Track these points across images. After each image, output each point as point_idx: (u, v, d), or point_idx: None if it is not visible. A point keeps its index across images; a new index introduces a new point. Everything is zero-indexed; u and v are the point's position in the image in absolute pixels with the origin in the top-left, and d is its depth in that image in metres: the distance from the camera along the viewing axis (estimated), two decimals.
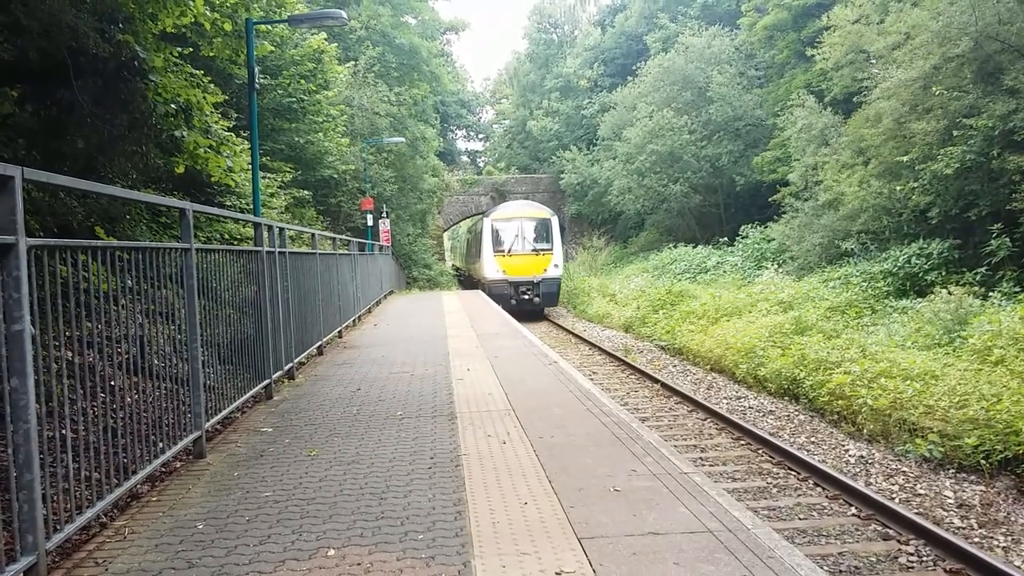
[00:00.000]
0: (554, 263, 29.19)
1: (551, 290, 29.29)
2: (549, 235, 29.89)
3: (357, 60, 32.57)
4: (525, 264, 28.95)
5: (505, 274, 28.72)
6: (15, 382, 3.28)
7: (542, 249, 29.44)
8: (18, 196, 3.31)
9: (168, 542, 4.03)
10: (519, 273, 28.66)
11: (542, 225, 30.22)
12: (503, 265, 28.97)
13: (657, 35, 51.93)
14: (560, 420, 6.63)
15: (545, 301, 29.44)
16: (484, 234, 30.15)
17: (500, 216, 30.78)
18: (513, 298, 28.03)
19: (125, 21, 8.63)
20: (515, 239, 29.50)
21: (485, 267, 29.70)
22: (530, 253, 29.29)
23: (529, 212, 31.17)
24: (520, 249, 29.34)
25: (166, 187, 11.13)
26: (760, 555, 3.72)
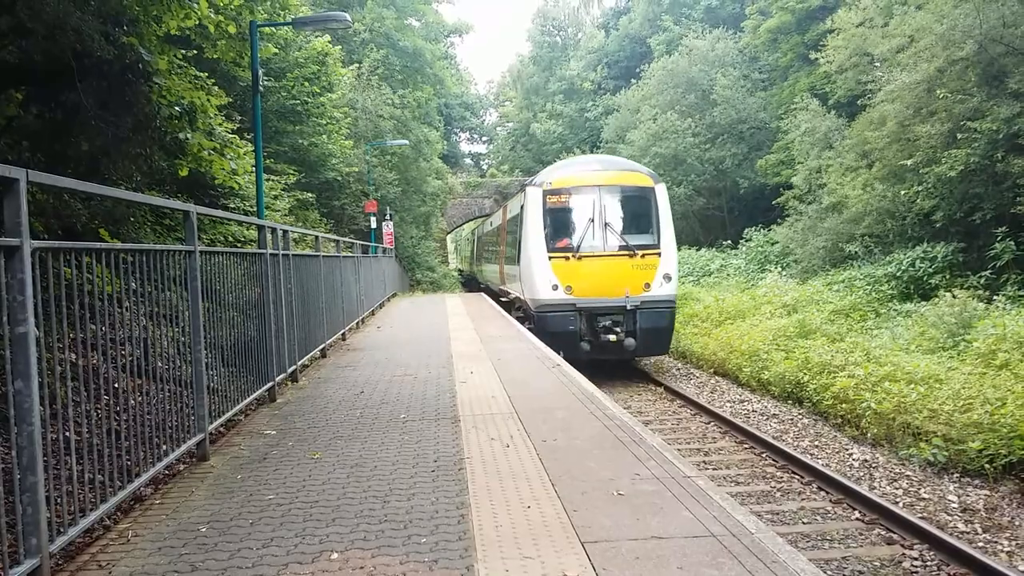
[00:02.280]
0: (664, 272, 16.03)
1: (658, 323, 15.90)
2: (653, 218, 16.48)
3: (361, 63, 32.64)
4: (608, 274, 15.99)
5: (569, 293, 15.85)
6: (19, 384, 3.28)
7: (642, 247, 16.10)
8: (23, 199, 3.31)
9: (171, 545, 4.03)
10: (596, 292, 15.87)
11: (638, 199, 16.72)
12: (566, 276, 15.98)
13: (661, 38, 51.98)
14: (563, 423, 6.62)
15: (647, 344, 16.03)
16: (527, 218, 16.84)
17: (560, 182, 16.89)
18: (585, 337, 15.77)
19: (130, 23, 8.65)
20: (588, 227, 16.21)
21: (530, 279, 16.51)
22: (617, 254, 16.05)
23: (614, 175, 17.08)
24: (598, 246, 16.15)
25: (170, 189, 11.14)
26: (764, 559, 3.71)
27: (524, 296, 17.36)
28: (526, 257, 16.66)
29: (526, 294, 17.00)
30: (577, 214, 16.44)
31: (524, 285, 17.10)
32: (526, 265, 16.68)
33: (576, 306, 15.70)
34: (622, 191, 16.66)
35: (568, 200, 16.56)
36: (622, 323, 15.64)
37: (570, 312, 15.67)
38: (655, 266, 16.01)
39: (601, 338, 15.56)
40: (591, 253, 16.06)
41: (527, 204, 16.96)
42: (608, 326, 15.59)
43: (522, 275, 17.18)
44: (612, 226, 16.25)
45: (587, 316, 15.74)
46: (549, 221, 16.41)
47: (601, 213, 16.23)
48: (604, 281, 15.88)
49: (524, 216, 17.01)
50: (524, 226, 16.90)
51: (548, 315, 15.82)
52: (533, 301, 16.37)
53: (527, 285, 16.75)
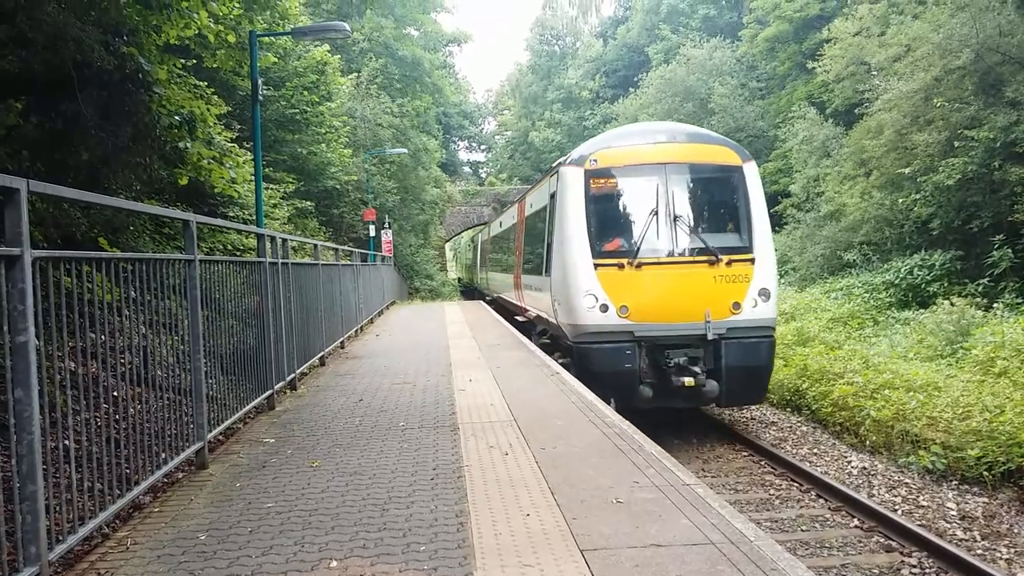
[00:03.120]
0: (759, 286, 11.49)
1: (752, 360, 11.42)
2: (743, 210, 11.94)
3: (360, 72, 32.74)
4: (680, 289, 11.47)
5: (625, 316, 11.30)
6: (19, 393, 3.29)
7: (728, 250, 11.60)
8: (23, 208, 3.32)
9: (170, 553, 4.03)
10: (663, 314, 11.32)
11: (722, 182, 12.23)
12: (619, 291, 11.40)
13: (659, 47, 52.20)
14: (562, 431, 6.63)
15: (736, 389, 11.44)
16: (562, 210, 12.26)
17: (610, 158, 12.22)
18: (647, 380, 11.27)
19: (130, 33, 8.70)
20: (651, 222, 11.69)
21: (565, 295, 11.94)
22: (693, 260, 11.58)
23: (687, 150, 12.35)
24: (665, 249, 11.65)
25: (169, 198, 11.17)
26: (763, 567, 3.71)
27: (556, 319, 12.34)
28: (560, 264, 11.92)
29: (560, 316, 12.03)
30: (634, 204, 11.77)
31: (557, 304, 12.21)
32: (560, 276, 11.92)
33: (634, 335, 10.98)
34: (699, 171, 11.93)
35: (622, 184, 11.96)
36: (701, 360, 11.00)
37: (626, 343, 10.96)
38: (747, 277, 11.24)
39: (672, 381, 10.75)
40: (655, 259, 11.27)
41: (562, 191, 12.10)
42: (682, 364, 10.86)
43: (553, 289, 12.36)
44: (685, 221, 11.48)
45: (650, 349, 11.09)
46: (594, 214, 11.64)
47: (669, 202, 11.48)
48: (675, 299, 11.06)
49: (557, 208, 12.32)
50: (557, 222, 12.22)
51: (593, 348, 11.02)
52: (571, 327, 11.50)
53: (562, 304, 11.89)
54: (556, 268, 12.21)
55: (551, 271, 12.53)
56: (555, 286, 12.28)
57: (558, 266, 12.08)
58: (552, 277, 12.48)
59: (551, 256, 12.62)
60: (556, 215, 12.39)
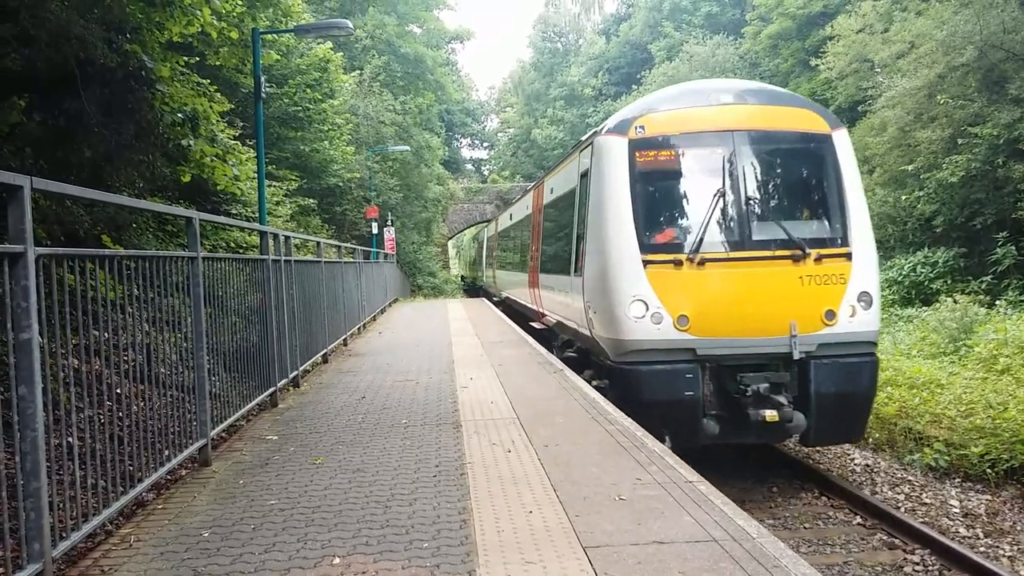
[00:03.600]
0: (859, 289, 8.89)
1: (851, 386, 8.82)
2: (834, 191, 9.41)
3: (362, 69, 32.72)
4: (756, 293, 8.84)
5: (684, 328, 8.72)
6: (23, 390, 3.30)
7: (817, 243, 9.04)
8: (27, 206, 3.33)
9: (174, 550, 4.04)
10: (735, 326, 8.72)
11: (806, 155, 9.71)
12: (676, 296, 8.81)
13: (662, 44, 52.14)
14: (565, 428, 6.63)
15: (829, 422, 8.81)
16: (599, 191, 9.71)
17: (662, 124, 9.50)
18: (712, 411, 8.87)
19: (132, 31, 8.70)
20: (716, 206, 9.06)
21: (604, 301, 9.34)
22: (773, 255, 8.93)
23: (760, 113, 9.63)
24: (736, 240, 9.02)
25: (172, 196, 11.18)
26: (765, 564, 3.71)
27: (590, 330, 9.95)
28: (597, 262, 9.46)
29: (597, 328, 9.61)
30: (694, 182, 9.30)
31: (592, 311, 9.77)
32: (597, 276, 9.47)
33: (697, 353, 8.60)
34: (777, 141, 9.48)
35: (677, 157, 9.37)
36: (786, 386, 8.66)
37: (686, 364, 8.60)
38: (842, 278, 8.78)
39: (748, 414, 8.42)
40: (723, 254, 8.79)
41: (599, 169, 9.64)
42: (761, 392, 8.46)
43: (587, 293, 9.96)
44: (761, 204, 9.11)
45: (717, 372, 8.80)
46: (642, 196, 9.15)
47: (739, 180, 9.02)
48: (749, 306, 8.64)
49: (592, 190, 9.84)
50: (593, 207, 9.74)
51: (643, 370, 8.64)
52: (613, 343, 9.07)
53: (599, 312, 9.44)
54: (591, 266, 9.73)
55: (583, 270, 10.15)
56: (590, 289, 9.81)
57: (594, 264, 9.57)
58: (585, 277, 10.04)
59: (583, 251, 10.21)
60: (591, 199, 9.87)
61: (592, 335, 9.90)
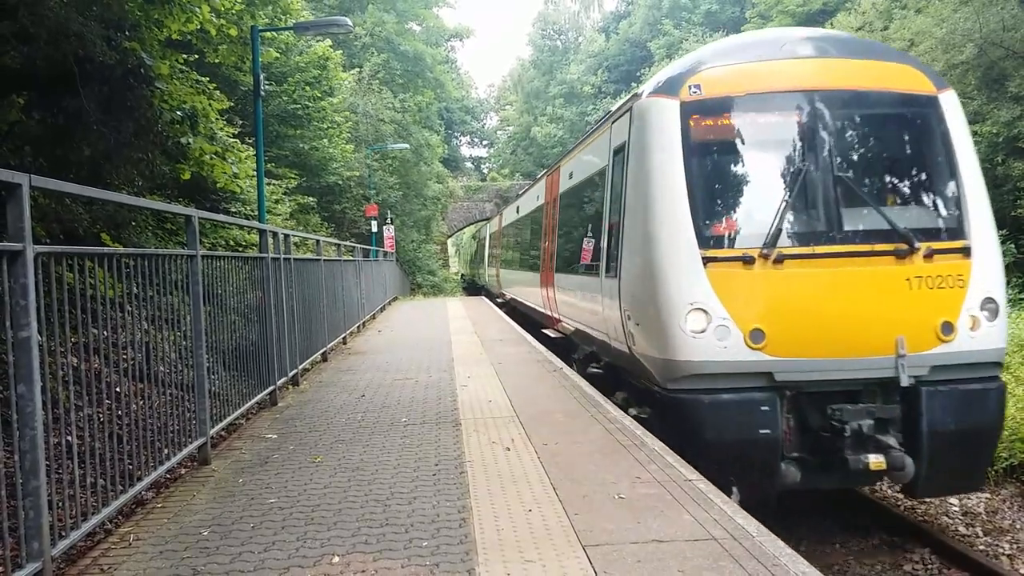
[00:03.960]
0: (983, 293, 6.91)
1: (971, 419, 6.76)
2: (942, 166, 7.35)
3: (362, 67, 32.71)
4: (850, 300, 6.77)
5: (758, 346, 6.68)
6: (22, 388, 3.29)
7: (927, 234, 7.00)
8: (26, 204, 3.32)
9: (173, 549, 4.04)
10: (823, 344, 6.72)
11: (908, 121, 7.56)
12: (745, 304, 6.79)
13: (661, 41, 52.14)
14: (564, 426, 6.63)
15: (945, 467, 6.80)
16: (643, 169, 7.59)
17: (725, 83, 7.37)
18: (793, 453, 6.82)
19: (131, 28, 8.69)
20: (796, 187, 7.01)
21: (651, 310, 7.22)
22: (871, 251, 6.90)
23: (846, 69, 7.46)
24: (822, 231, 6.99)
25: (172, 194, 11.17)
26: (765, 563, 3.71)
27: (629, 345, 8.00)
28: (641, 260, 7.55)
29: (639, 343, 7.67)
30: (766, 156, 7.46)
31: (632, 322, 7.81)
32: (640, 278, 7.59)
33: (775, 378, 6.78)
34: (870, 103, 7.52)
35: (744, 123, 7.46)
36: (894, 422, 6.82)
37: (760, 393, 6.76)
38: (961, 280, 6.97)
39: (847, 459, 6.58)
40: (807, 249, 6.93)
41: (641, 141, 7.77)
42: (862, 431, 6.62)
43: (626, 299, 8.00)
44: (853, 185, 7.13)
45: (799, 402, 6.93)
46: (701, 175, 7.27)
47: (825, 154, 7.17)
48: (842, 317, 6.80)
49: (631, 168, 7.95)
50: (633, 190, 7.88)
51: (704, 401, 6.81)
52: (663, 363, 7.15)
53: (643, 323, 7.55)
54: (632, 265, 7.75)
55: (619, 270, 8.09)
56: (629, 294, 7.83)
57: (636, 262, 7.59)
58: (622, 280, 7.99)
59: (619, 247, 8.14)
60: (629, 181, 7.93)
61: (632, 352, 7.83)
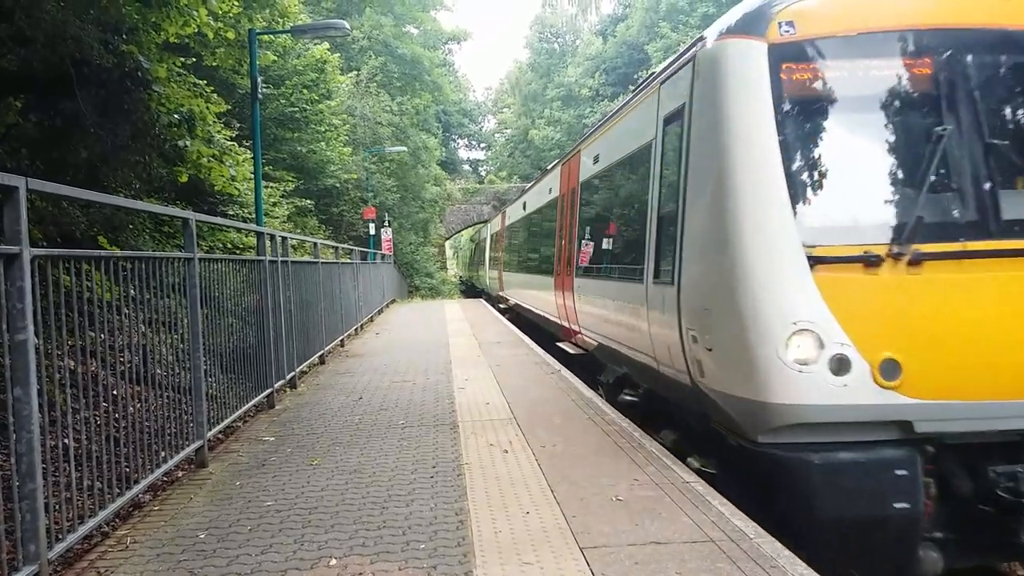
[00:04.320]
0: None
1: None
2: None
3: (359, 70, 32.71)
4: (1013, 323, 4.66)
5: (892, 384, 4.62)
6: (18, 391, 3.29)
7: None
8: (22, 207, 3.32)
9: (170, 552, 4.03)
10: (986, 381, 4.67)
11: None
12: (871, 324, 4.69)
13: (658, 44, 52.16)
14: (562, 429, 6.62)
15: None
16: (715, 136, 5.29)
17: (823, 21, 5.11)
18: (937, 531, 4.70)
19: (129, 32, 8.68)
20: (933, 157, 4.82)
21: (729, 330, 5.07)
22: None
23: (992, 7, 5.10)
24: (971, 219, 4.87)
25: (169, 196, 11.16)
26: (763, 564, 3.71)
27: (692, 376, 5.86)
28: (714, 258, 5.43)
29: (712, 374, 5.51)
30: (890, 118, 5.28)
31: (701, 345, 5.59)
32: (711, 284, 5.50)
33: (914, 428, 4.74)
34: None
35: (857, 73, 5.28)
36: None
37: (893, 450, 4.76)
38: None
39: (1019, 536, 4.59)
40: (954, 246, 4.86)
41: (712, 98, 5.54)
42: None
43: (688, 313, 5.84)
44: (1014, 158, 5.10)
45: (943, 461, 4.85)
46: (798, 141, 5.18)
47: (971, 115, 5.06)
48: (1007, 342, 4.75)
49: (696, 136, 5.83)
50: (697, 166, 5.77)
51: (812, 461, 4.75)
52: (751, 407, 5.01)
53: (719, 347, 5.35)
54: (699, 267, 5.66)
55: (680, 273, 5.91)
56: (695, 306, 5.68)
57: (706, 263, 5.53)
58: (684, 287, 5.84)
59: (678, 243, 5.97)
60: (693, 155, 5.80)
61: (696, 385, 5.68)
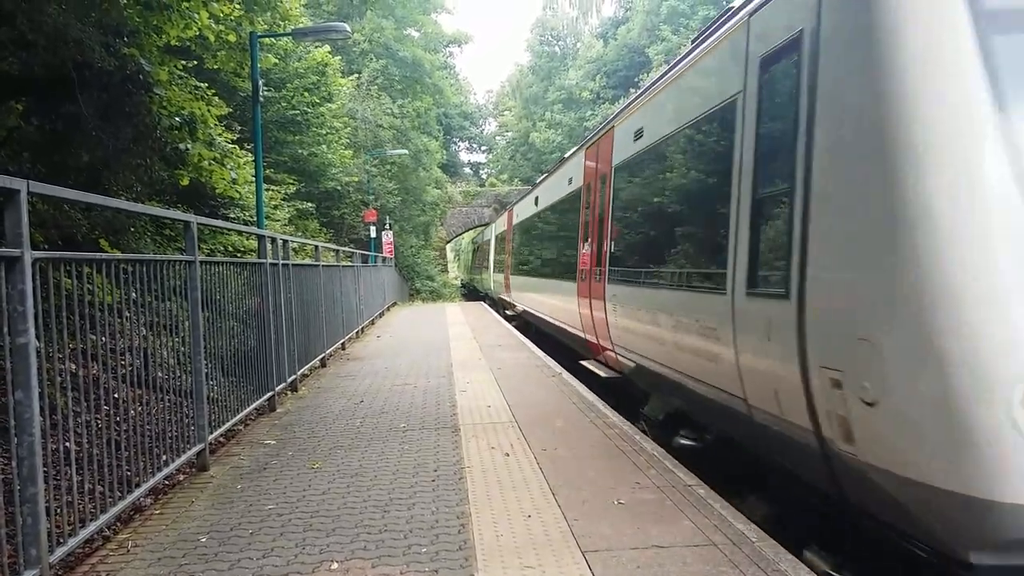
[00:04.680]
0: None
1: None
2: None
3: (360, 73, 32.72)
4: None
5: None
6: (19, 395, 3.29)
7: None
8: (23, 210, 3.32)
9: (171, 555, 4.02)
10: None
11: None
12: None
13: (659, 48, 52.23)
14: (563, 432, 6.62)
15: None
16: (872, 66, 3.44)
17: None
18: None
19: (130, 35, 8.69)
20: None
21: (914, 363, 3.17)
22: None
23: None
24: None
25: (170, 199, 11.16)
26: (765, 568, 3.70)
27: (841, 445, 3.79)
28: (880, 261, 3.46)
29: (867, 439, 3.56)
30: None
31: (858, 394, 3.52)
32: (870, 297, 3.53)
33: None
34: None
35: None
36: None
37: None
38: None
39: None
40: None
41: (860, 15, 3.63)
42: None
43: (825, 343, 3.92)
44: None
45: None
46: (1017, 77, 3.18)
47: None
48: None
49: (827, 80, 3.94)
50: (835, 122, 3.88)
51: None
52: (959, 506, 3.06)
53: (893, 403, 3.34)
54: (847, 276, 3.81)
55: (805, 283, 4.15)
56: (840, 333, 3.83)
57: (864, 270, 3.61)
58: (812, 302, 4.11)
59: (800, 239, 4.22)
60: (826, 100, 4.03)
61: (837, 452, 3.92)
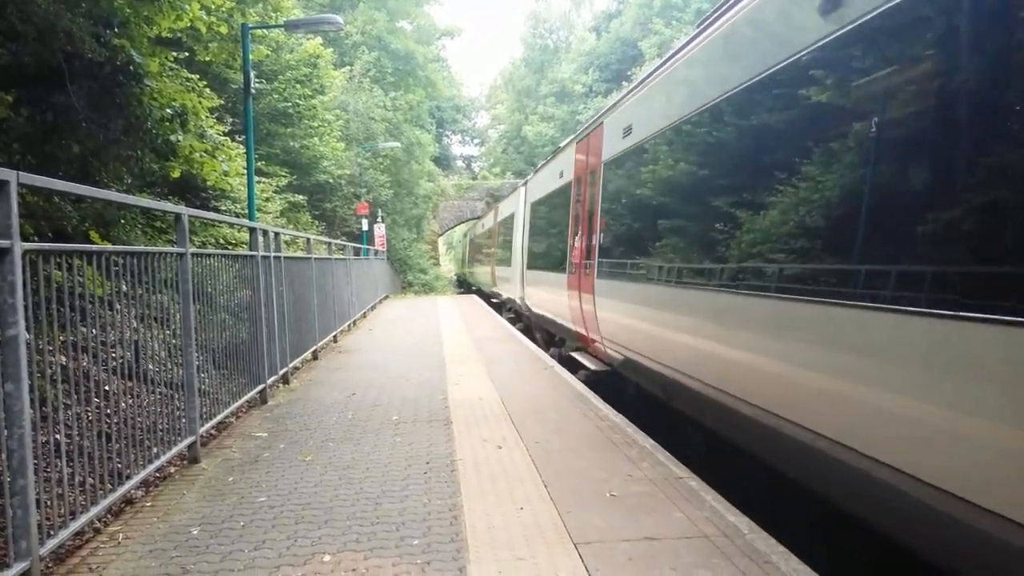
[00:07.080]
0: None
1: None
2: None
3: (353, 65, 32.60)
4: None
5: None
6: (9, 387, 3.27)
7: None
8: (13, 201, 3.29)
9: (162, 548, 4.01)
10: None
11: None
12: None
13: (652, 40, 52.22)
14: (555, 424, 6.63)
15: None
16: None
17: None
18: None
19: (120, 25, 8.62)
20: None
21: None
22: None
23: None
24: None
25: (161, 191, 11.11)
26: (756, 560, 3.72)
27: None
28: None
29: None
30: None
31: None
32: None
33: None
34: None
35: None
36: None
37: None
38: None
39: None
40: None
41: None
42: None
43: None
44: None
45: None
46: None
47: None
48: None
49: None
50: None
51: None
52: None
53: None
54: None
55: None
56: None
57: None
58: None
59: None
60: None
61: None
